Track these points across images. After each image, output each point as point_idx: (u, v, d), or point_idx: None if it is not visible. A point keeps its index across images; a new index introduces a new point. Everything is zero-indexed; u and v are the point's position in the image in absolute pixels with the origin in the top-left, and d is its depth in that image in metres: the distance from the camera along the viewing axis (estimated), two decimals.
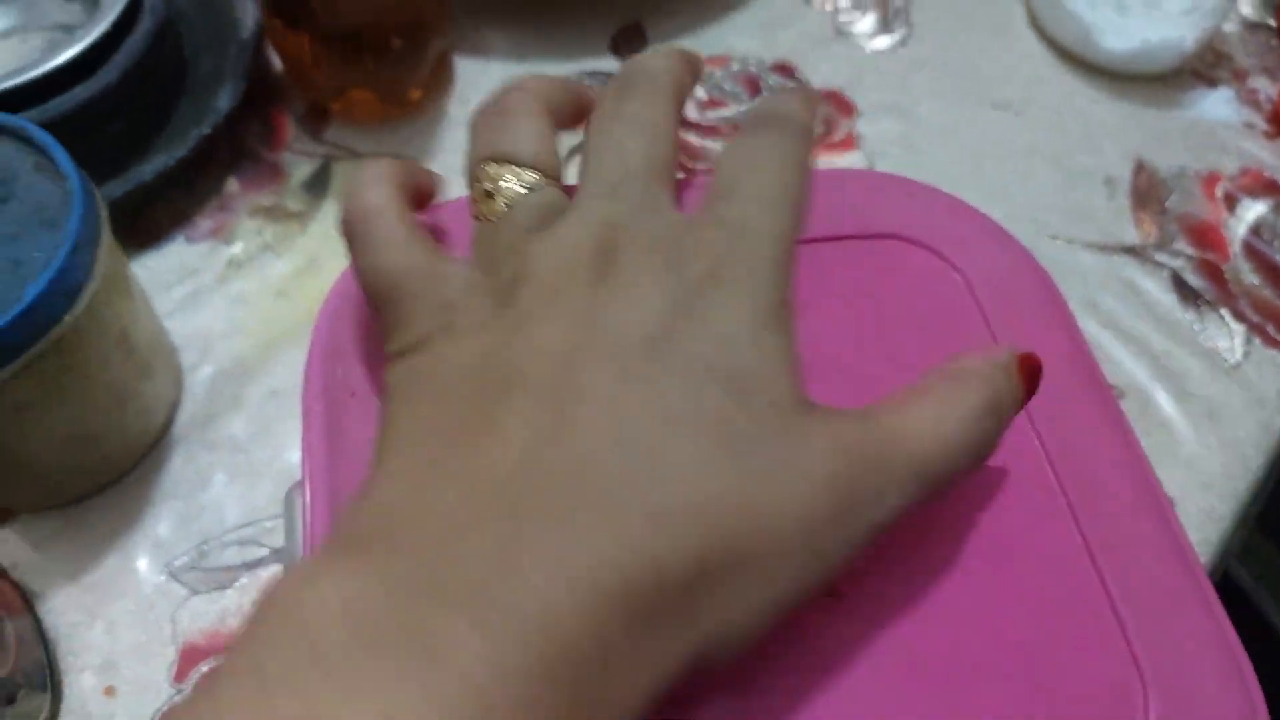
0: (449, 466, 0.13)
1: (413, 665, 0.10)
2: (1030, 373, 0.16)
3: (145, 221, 0.30)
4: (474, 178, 0.16)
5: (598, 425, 0.13)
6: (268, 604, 0.12)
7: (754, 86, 0.35)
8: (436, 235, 0.19)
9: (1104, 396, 0.19)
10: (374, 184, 0.17)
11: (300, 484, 0.17)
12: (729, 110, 0.34)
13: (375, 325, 0.17)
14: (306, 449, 0.17)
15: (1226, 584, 0.53)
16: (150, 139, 0.30)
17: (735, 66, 0.35)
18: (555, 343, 0.14)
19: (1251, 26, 0.39)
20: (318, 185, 0.31)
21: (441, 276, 0.16)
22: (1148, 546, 0.17)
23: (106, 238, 0.21)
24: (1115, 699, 0.16)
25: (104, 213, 0.22)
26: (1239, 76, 0.37)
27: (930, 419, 0.15)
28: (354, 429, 0.17)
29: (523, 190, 0.16)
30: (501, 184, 0.16)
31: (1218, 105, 0.36)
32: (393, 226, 0.16)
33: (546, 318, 0.14)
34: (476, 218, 0.16)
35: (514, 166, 0.16)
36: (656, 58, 0.18)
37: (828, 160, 0.33)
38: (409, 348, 0.15)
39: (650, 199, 0.16)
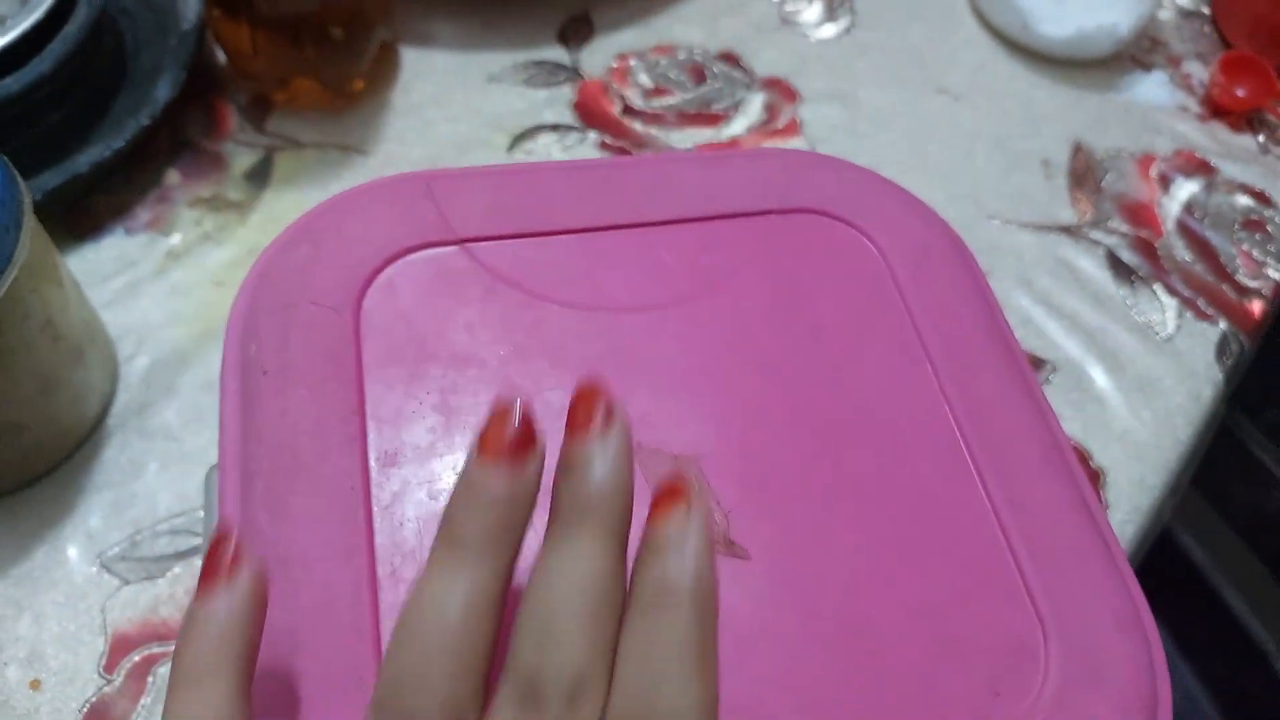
0: None
1: None
2: None
3: (83, 214, 0.29)
4: None
5: None
6: None
7: (699, 74, 0.35)
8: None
9: (1016, 363, 0.20)
10: (211, 689, 0.13)
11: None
12: (674, 98, 0.34)
13: (285, 308, 0.17)
14: (222, 425, 0.17)
15: (1168, 547, 0.54)
16: (88, 130, 0.30)
17: (681, 55, 0.36)
18: None
19: (1185, 14, 0.39)
20: (259, 175, 0.31)
21: None
22: (1052, 502, 0.18)
23: (29, 223, 0.21)
24: (1017, 648, 0.16)
25: (27, 198, 0.22)
26: (1173, 62, 0.37)
27: None
28: (266, 405, 0.17)
29: None
30: None
31: (1153, 89, 0.36)
32: None
33: None
34: None
35: None
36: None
37: (770, 146, 0.33)
38: None
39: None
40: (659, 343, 0.19)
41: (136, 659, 0.22)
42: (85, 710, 0.21)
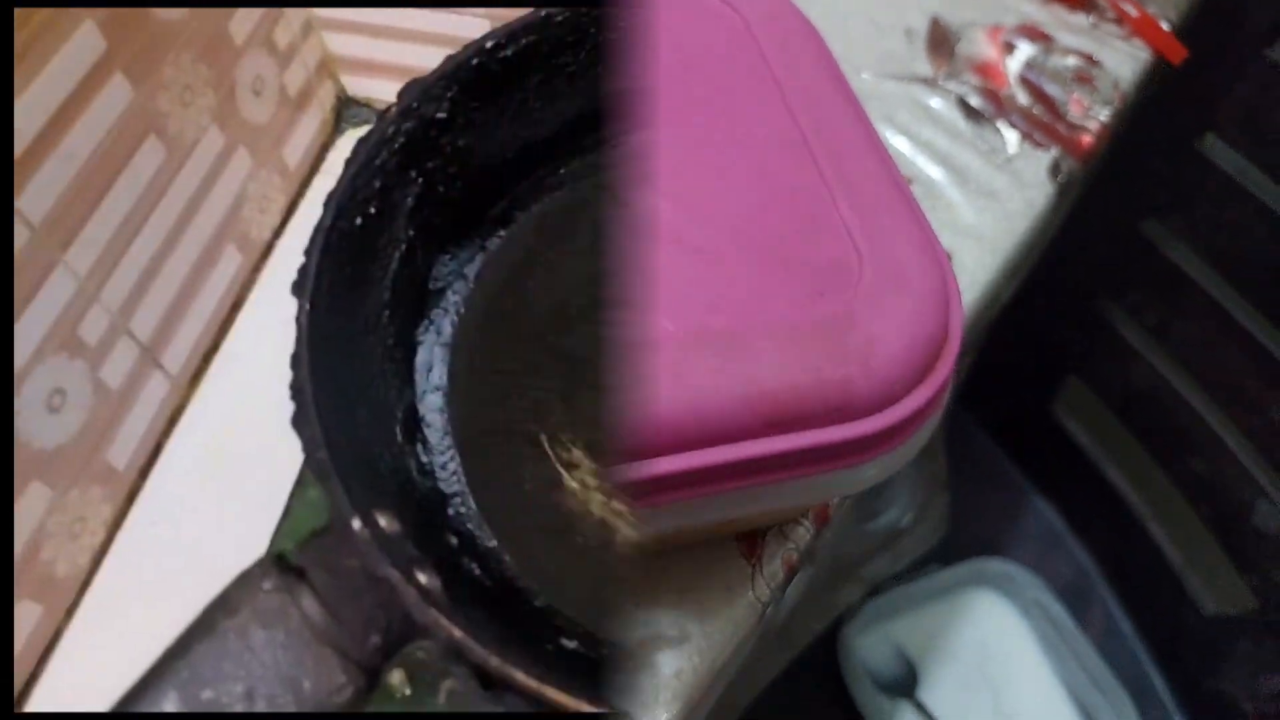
0: None
1: None
2: None
3: None
4: None
5: None
6: None
7: None
8: None
9: (847, 95, 0.24)
10: None
11: None
12: None
13: None
14: None
15: (1055, 435, 0.59)
16: None
17: None
18: None
19: None
20: None
21: None
22: (871, 180, 0.22)
23: None
24: (838, 267, 0.20)
25: None
26: None
27: None
28: None
29: None
30: None
31: None
32: None
33: None
34: None
35: None
36: None
37: None
38: None
39: None
40: None
41: None
42: None
